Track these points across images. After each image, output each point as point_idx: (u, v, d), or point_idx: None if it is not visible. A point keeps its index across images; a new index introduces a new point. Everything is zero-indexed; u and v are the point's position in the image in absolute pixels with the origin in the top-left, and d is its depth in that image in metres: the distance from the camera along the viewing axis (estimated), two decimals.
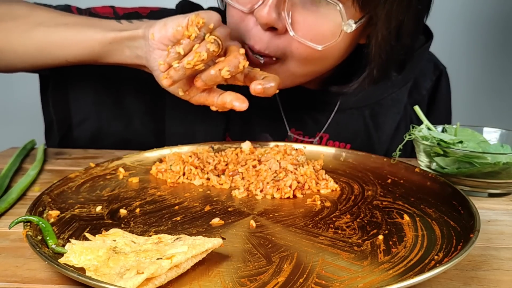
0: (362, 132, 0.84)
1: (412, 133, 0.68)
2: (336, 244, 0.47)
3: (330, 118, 0.83)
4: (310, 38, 0.65)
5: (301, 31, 0.65)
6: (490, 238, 0.52)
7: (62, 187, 0.59)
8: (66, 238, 0.47)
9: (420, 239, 0.48)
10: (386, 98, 0.83)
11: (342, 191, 0.63)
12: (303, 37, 0.65)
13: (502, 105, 1.58)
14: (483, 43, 1.55)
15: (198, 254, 0.41)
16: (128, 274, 0.37)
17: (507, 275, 0.44)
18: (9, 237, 0.50)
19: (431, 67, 0.88)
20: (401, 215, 0.54)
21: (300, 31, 0.65)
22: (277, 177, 0.62)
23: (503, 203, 0.63)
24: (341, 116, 0.83)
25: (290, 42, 0.66)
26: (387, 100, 0.83)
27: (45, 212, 0.52)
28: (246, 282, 0.40)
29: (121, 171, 0.67)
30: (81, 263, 0.41)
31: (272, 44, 0.66)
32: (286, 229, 0.51)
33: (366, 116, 0.84)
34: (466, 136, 0.70)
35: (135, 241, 0.45)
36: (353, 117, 0.84)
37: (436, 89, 0.87)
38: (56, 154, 0.82)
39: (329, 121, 0.83)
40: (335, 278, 0.40)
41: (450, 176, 0.64)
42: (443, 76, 0.89)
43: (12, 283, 0.41)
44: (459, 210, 0.53)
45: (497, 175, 0.62)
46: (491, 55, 1.55)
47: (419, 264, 0.43)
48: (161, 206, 0.57)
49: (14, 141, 0.92)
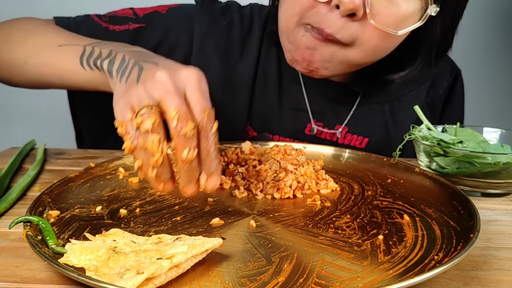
0: (381, 127, 0.86)
1: (412, 133, 0.68)
2: (336, 244, 0.47)
3: (351, 111, 0.84)
4: (388, 24, 0.65)
5: (380, 16, 0.65)
6: (490, 238, 0.52)
7: (62, 187, 0.59)
8: (66, 238, 0.47)
9: (420, 239, 0.48)
10: (406, 95, 0.85)
11: (342, 191, 0.63)
12: (381, 23, 0.65)
13: (502, 105, 1.58)
14: (483, 42, 1.55)
15: (198, 254, 0.41)
16: (128, 274, 0.37)
17: (507, 275, 0.44)
18: (9, 237, 0.50)
19: (448, 67, 0.90)
20: (401, 215, 0.54)
21: (379, 16, 0.65)
22: (277, 177, 0.62)
23: (503, 203, 0.63)
24: (361, 110, 0.85)
25: (364, 28, 0.66)
26: (407, 97, 0.85)
27: (45, 212, 0.52)
28: (246, 282, 0.40)
29: (121, 171, 0.67)
30: (81, 263, 0.41)
31: (345, 29, 0.65)
32: (286, 229, 0.51)
33: (385, 112, 0.85)
34: (466, 136, 0.70)
35: (135, 241, 0.45)
36: (373, 112, 0.85)
37: (452, 90, 0.90)
38: (56, 154, 0.82)
39: (350, 114, 0.84)
40: (335, 278, 0.40)
41: (450, 176, 0.64)
42: (459, 77, 0.91)
43: (12, 283, 0.41)
44: (459, 210, 0.53)
45: (497, 175, 0.62)
46: (491, 54, 1.55)
47: (419, 264, 0.43)
48: (161, 206, 0.57)
49: (14, 141, 0.92)
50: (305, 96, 0.84)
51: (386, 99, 0.85)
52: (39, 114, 1.58)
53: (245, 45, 0.84)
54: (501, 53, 1.54)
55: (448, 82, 0.89)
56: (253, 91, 0.84)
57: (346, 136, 0.85)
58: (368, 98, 0.85)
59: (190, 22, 0.83)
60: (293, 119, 0.85)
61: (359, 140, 0.84)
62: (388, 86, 0.82)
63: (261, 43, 0.84)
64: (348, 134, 0.85)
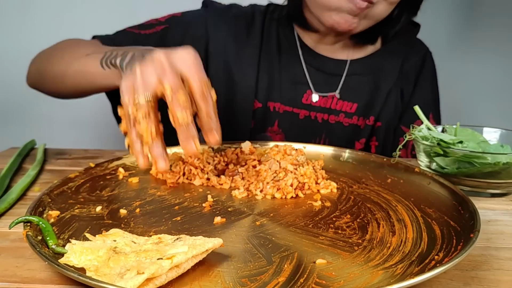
0: (367, 93, 0.98)
1: (412, 133, 0.68)
2: (336, 244, 0.47)
3: (341, 81, 0.97)
4: None
5: None
6: (490, 238, 0.52)
7: (62, 187, 0.59)
8: (66, 238, 0.47)
9: (420, 239, 0.48)
10: (386, 65, 0.98)
11: (342, 191, 0.63)
12: None
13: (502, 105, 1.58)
14: (483, 42, 1.55)
15: (199, 254, 0.41)
16: (128, 274, 0.37)
17: (507, 275, 0.44)
18: (9, 237, 0.50)
19: (419, 43, 1.05)
20: (401, 215, 0.54)
21: None
22: (277, 177, 0.62)
23: (503, 203, 0.63)
24: (350, 80, 0.97)
25: None
26: (387, 66, 0.99)
27: (45, 212, 0.52)
28: (246, 282, 0.40)
29: (121, 171, 0.67)
30: (81, 263, 0.41)
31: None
32: (286, 229, 0.51)
33: (369, 81, 0.98)
34: (466, 136, 0.70)
35: (135, 241, 0.45)
36: (360, 82, 0.98)
37: (423, 64, 1.02)
38: (56, 154, 0.82)
39: (341, 84, 0.97)
40: (335, 278, 0.40)
41: (450, 176, 0.64)
42: (428, 53, 1.03)
43: (12, 283, 0.41)
44: (459, 210, 0.53)
45: (497, 175, 0.62)
46: (491, 54, 1.55)
47: (419, 264, 0.43)
48: (161, 206, 0.57)
49: (14, 141, 0.92)
50: (304, 70, 0.97)
51: (369, 70, 0.98)
52: (39, 114, 1.58)
53: (250, 30, 0.99)
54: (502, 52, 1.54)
55: (419, 56, 1.02)
56: (258, 68, 0.97)
57: (338, 103, 0.97)
58: (355, 70, 0.97)
59: (203, 18, 0.98)
60: (292, 90, 0.97)
61: (349, 106, 0.97)
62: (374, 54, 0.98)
63: (262, 28, 0.99)
64: (339, 101, 0.97)
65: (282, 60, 0.98)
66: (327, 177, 0.65)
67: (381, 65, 0.99)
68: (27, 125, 1.59)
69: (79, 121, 1.58)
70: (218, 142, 0.56)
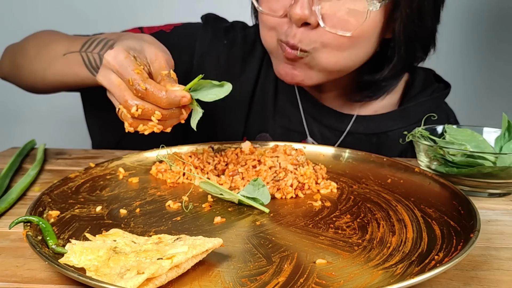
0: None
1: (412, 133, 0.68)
2: (336, 244, 0.47)
3: (341, 138, 0.87)
4: (340, 27, 0.71)
5: (331, 21, 0.70)
6: (490, 238, 0.52)
7: (62, 187, 0.59)
8: (66, 238, 0.47)
9: (420, 239, 0.48)
10: (394, 131, 0.85)
11: (342, 191, 0.63)
12: (333, 27, 0.70)
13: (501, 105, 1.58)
14: (482, 42, 1.55)
15: (199, 254, 0.41)
16: (128, 274, 0.37)
17: (507, 275, 0.44)
18: (9, 237, 0.50)
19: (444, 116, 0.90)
20: (401, 215, 0.54)
21: (330, 22, 0.70)
22: (277, 177, 0.62)
23: (503, 203, 0.63)
24: (350, 138, 0.87)
25: (321, 34, 0.71)
26: (395, 134, 0.85)
27: (45, 212, 0.52)
28: (246, 282, 0.40)
29: (121, 171, 0.67)
30: (81, 263, 0.41)
31: (305, 38, 0.72)
32: (286, 229, 0.51)
33: (373, 144, 0.86)
34: (466, 136, 0.70)
35: (135, 241, 0.45)
36: (361, 142, 0.87)
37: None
38: (56, 154, 0.82)
39: (338, 142, 0.87)
40: (335, 278, 0.40)
41: (450, 176, 0.64)
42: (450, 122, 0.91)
43: (12, 283, 0.41)
44: (459, 210, 0.53)
45: (497, 175, 0.62)
46: (491, 54, 1.55)
47: (419, 264, 0.43)
48: (161, 206, 0.57)
49: (14, 141, 0.92)
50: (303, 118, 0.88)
51: (374, 132, 0.86)
52: (39, 114, 1.58)
53: (246, 63, 0.89)
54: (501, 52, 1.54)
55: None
56: (250, 108, 0.89)
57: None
58: (357, 128, 0.86)
59: (192, 40, 0.89)
60: (285, 137, 0.88)
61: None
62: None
63: (261, 62, 0.90)
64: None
65: (278, 103, 0.88)
66: (327, 177, 0.65)
67: (389, 128, 0.85)
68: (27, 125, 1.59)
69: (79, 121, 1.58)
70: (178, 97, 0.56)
